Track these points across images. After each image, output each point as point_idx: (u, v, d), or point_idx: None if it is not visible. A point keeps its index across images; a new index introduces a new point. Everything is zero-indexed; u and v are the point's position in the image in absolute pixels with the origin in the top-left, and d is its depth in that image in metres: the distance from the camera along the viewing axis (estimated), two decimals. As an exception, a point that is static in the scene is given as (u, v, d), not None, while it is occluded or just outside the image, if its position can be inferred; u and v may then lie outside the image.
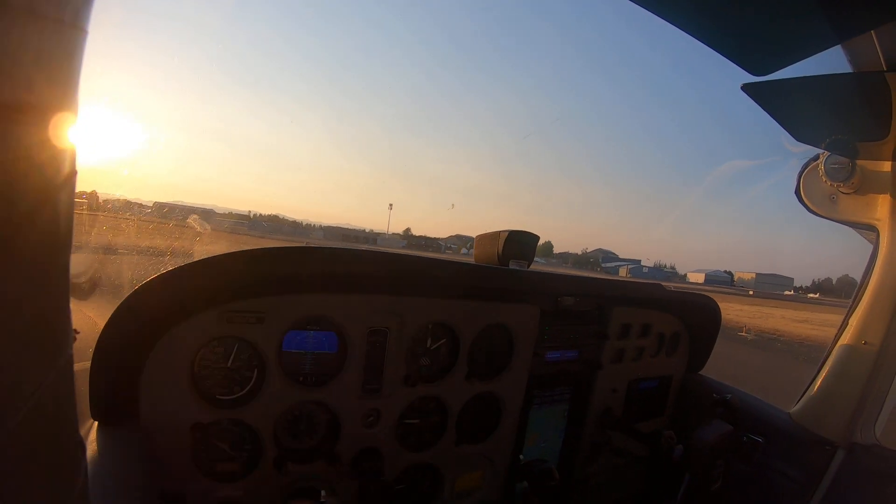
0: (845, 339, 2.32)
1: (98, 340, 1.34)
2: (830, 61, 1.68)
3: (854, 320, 2.30)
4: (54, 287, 0.47)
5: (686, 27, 1.54)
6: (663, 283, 2.64)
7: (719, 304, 2.75)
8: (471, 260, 2.34)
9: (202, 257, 1.46)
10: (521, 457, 2.18)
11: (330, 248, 1.65)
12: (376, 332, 1.81)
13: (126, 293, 1.36)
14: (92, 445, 1.32)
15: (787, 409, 2.51)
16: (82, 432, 1.38)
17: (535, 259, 2.35)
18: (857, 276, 2.36)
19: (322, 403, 1.75)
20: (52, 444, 0.50)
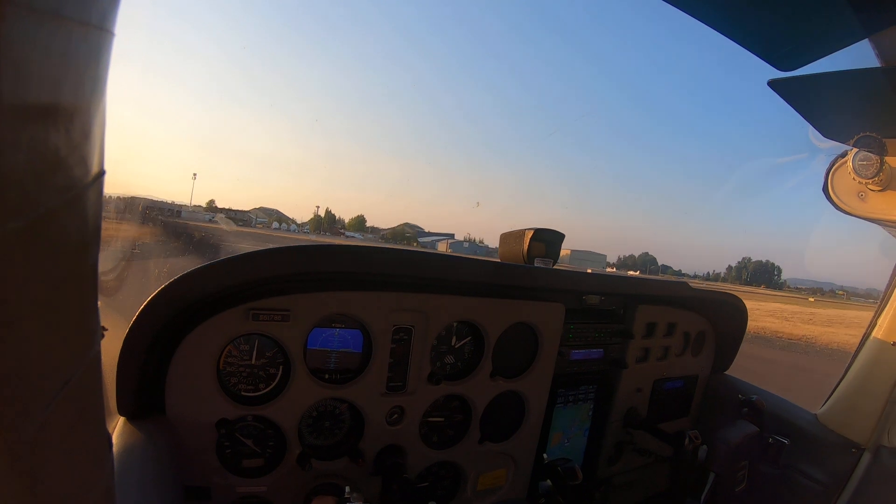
0: (873, 339, 2.28)
1: (125, 337, 1.36)
2: (858, 56, 1.65)
3: (882, 320, 2.26)
4: (83, 284, 0.47)
5: (712, 23, 1.53)
6: (688, 282, 2.61)
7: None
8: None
9: (228, 255, 1.47)
10: (545, 455, 2.16)
11: (356, 246, 1.66)
12: (402, 329, 1.81)
13: (153, 290, 1.38)
14: (119, 440, 1.34)
15: (814, 411, 2.47)
16: (109, 427, 1.41)
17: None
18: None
19: (346, 401, 1.75)
20: (80, 438, 0.51)
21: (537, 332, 2.10)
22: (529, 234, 2.28)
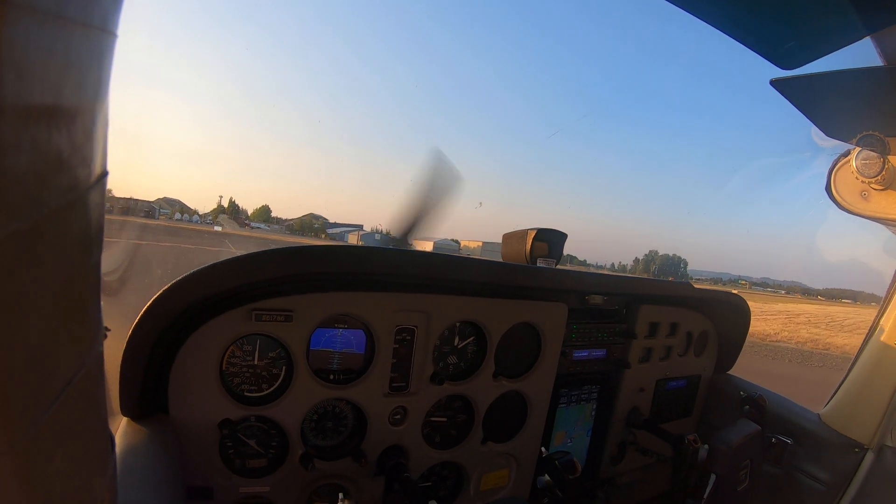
0: (877, 339, 2.27)
1: (129, 337, 1.36)
2: (860, 54, 1.65)
3: (885, 320, 2.25)
4: (85, 284, 0.48)
5: (713, 21, 1.52)
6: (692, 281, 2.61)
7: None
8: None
9: (231, 256, 1.48)
10: (543, 449, 2.16)
11: (358, 246, 1.66)
12: (404, 329, 1.81)
13: (156, 291, 1.38)
14: (121, 440, 1.35)
15: (817, 411, 2.46)
16: (112, 427, 1.42)
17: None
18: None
19: (349, 401, 1.76)
20: (83, 438, 0.51)
21: (540, 332, 2.10)
22: (532, 235, 2.28)
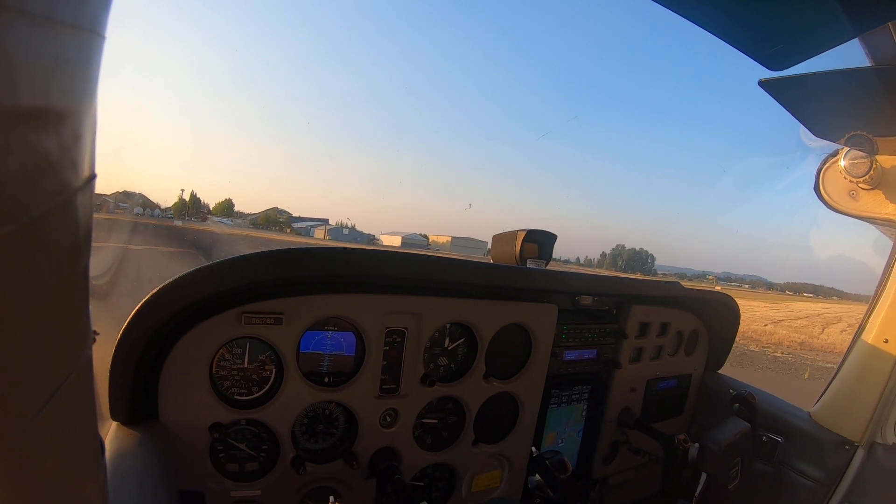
0: (866, 337, 2.30)
1: (118, 341, 1.35)
2: (848, 55, 1.67)
3: (874, 318, 2.28)
4: (74, 288, 0.47)
5: (703, 23, 1.54)
6: (681, 282, 2.63)
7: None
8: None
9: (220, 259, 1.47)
10: (534, 449, 2.16)
11: (349, 248, 1.66)
12: (394, 331, 1.81)
13: (145, 294, 1.37)
14: (111, 445, 1.33)
15: (807, 409, 2.49)
16: (102, 433, 1.40)
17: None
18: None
19: (340, 403, 1.75)
20: (72, 443, 0.50)
21: (530, 333, 2.10)
22: (522, 236, 2.29)
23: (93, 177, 0.47)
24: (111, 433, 1.41)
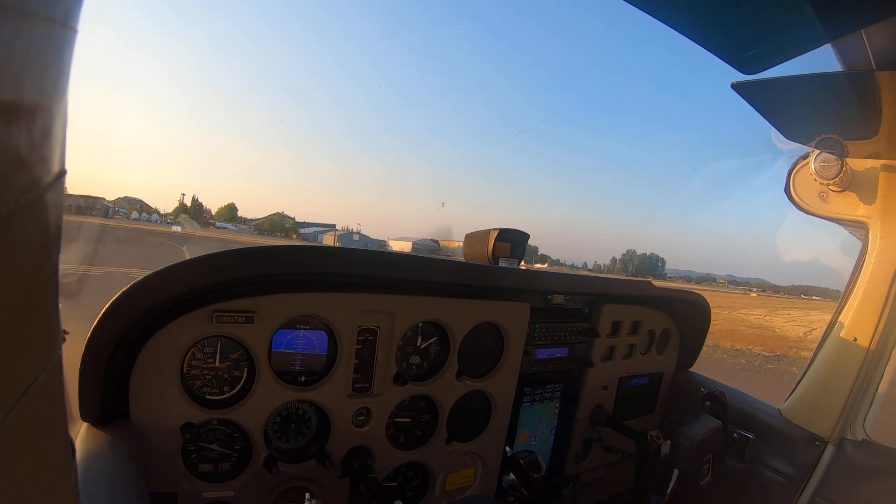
0: (835, 335, 2.34)
1: (87, 341, 1.33)
2: (820, 60, 1.69)
3: (844, 317, 2.32)
4: (43, 287, 0.46)
5: (677, 25, 1.54)
6: (652, 280, 2.65)
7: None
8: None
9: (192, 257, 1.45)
10: (507, 449, 2.18)
11: (322, 247, 1.64)
12: (367, 330, 1.80)
13: (115, 294, 1.35)
14: (82, 447, 1.31)
15: (778, 406, 2.53)
16: (72, 434, 1.38)
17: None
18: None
19: (312, 403, 1.75)
20: (42, 445, 0.49)
21: (503, 331, 2.11)
22: (494, 235, 2.29)
23: (63, 173, 0.46)
24: (81, 434, 1.39)
